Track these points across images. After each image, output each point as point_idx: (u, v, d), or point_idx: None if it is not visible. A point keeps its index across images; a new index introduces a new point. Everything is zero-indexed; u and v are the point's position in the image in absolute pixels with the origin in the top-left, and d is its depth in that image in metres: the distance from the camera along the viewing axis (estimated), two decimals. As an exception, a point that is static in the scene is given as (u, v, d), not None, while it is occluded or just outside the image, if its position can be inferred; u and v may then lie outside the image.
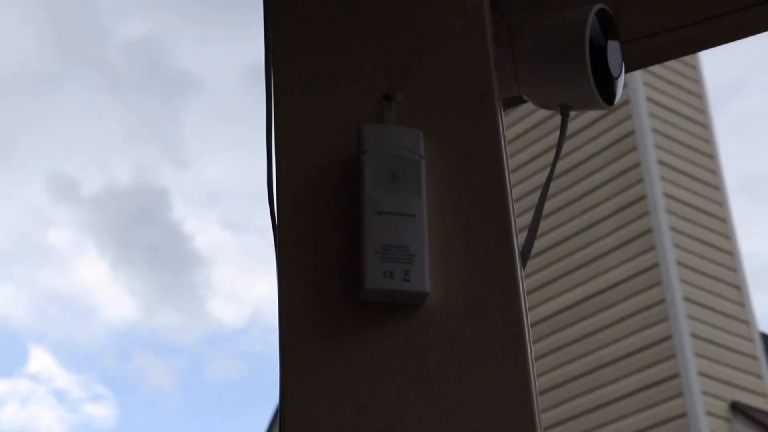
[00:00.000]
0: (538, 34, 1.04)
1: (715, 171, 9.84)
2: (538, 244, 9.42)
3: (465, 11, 1.03)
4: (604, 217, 9.24)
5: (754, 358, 9.05)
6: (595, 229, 9.15)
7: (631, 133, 9.15)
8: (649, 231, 8.87)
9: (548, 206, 9.63)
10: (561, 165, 9.29)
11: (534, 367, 0.88)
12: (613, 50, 1.02)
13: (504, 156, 0.96)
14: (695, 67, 10.16)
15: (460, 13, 1.04)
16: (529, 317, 0.92)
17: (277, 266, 0.95)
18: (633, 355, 8.71)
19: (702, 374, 8.42)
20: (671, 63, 8.76)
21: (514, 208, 0.96)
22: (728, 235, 9.55)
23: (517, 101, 1.17)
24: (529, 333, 0.89)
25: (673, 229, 8.87)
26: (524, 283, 0.95)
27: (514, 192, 0.99)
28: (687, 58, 9.54)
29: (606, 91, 1.00)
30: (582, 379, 8.92)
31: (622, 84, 1.05)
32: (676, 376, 8.41)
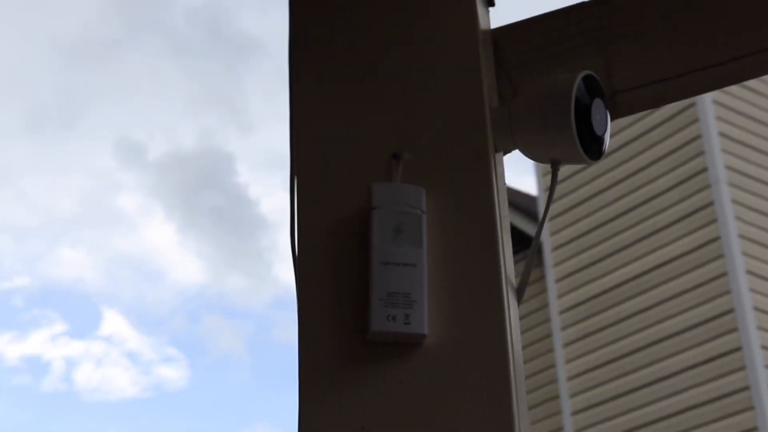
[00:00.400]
0: (530, 98, 1.15)
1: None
2: (598, 217, 9.49)
3: (465, 76, 1.15)
4: (665, 190, 9.13)
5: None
6: (655, 202, 9.06)
7: (692, 105, 8.98)
8: (710, 204, 8.74)
9: (608, 179, 9.62)
10: (622, 138, 9.24)
11: (518, 394, 0.99)
12: (598, 109, 1.12)
13: (496, 206, 1.08)
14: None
15: (460, 78, 1.16)
16: (515, 349, 1.04)
17: (297, 302, 1.08)
18: (694, 329, 8.65)
19: (765, 347, 8.35)
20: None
21: (506, 251, 1.08)
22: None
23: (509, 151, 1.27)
24: (513, 365, 1.00)
25: (735, 201, 8.75)
26: (515, 318, 1.08)
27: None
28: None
29: (592, 148, 1.10)
30: (642, 352, 8.90)
31: (608, 137, 1.15)
32: (738, 349, 8.35)
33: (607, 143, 1.16)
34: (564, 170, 10.37)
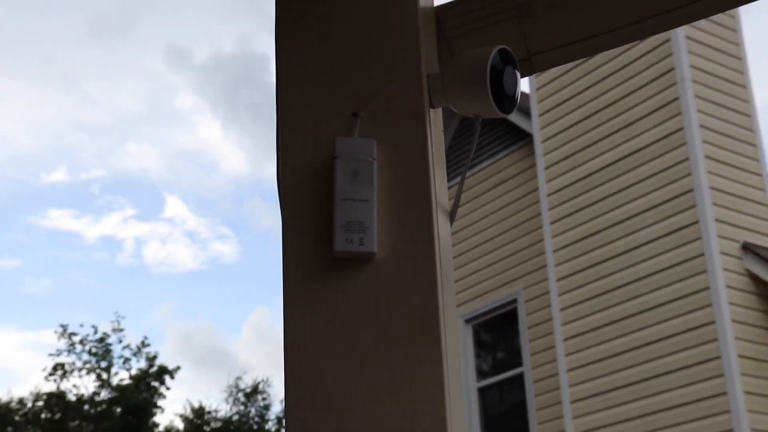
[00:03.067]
0: (457, 68, 1.35)
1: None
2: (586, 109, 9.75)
3: (408, 48, 1.35)
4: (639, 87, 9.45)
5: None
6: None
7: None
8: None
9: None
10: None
11: (445, 292, 1.23)
12: (509, 74, 1.32)
13: (429, 151, 1.29)
14: None
15: (403, 50, 1.36)
16: (444, 258, 1.27)
17: (282, 226, 1.32)
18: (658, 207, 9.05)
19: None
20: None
21: (438, 188, 1.31)
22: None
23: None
24: (440, 270, 1.24)
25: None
26: (444, 234, 1.31)
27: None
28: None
29: (504, 105, 1.31)
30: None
31: (519, 95, 1.37)
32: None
33: (519, 98, 1.37)
34: (551, 73, 10.51)
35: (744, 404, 8.32)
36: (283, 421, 1.21)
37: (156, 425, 27.38)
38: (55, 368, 26.40)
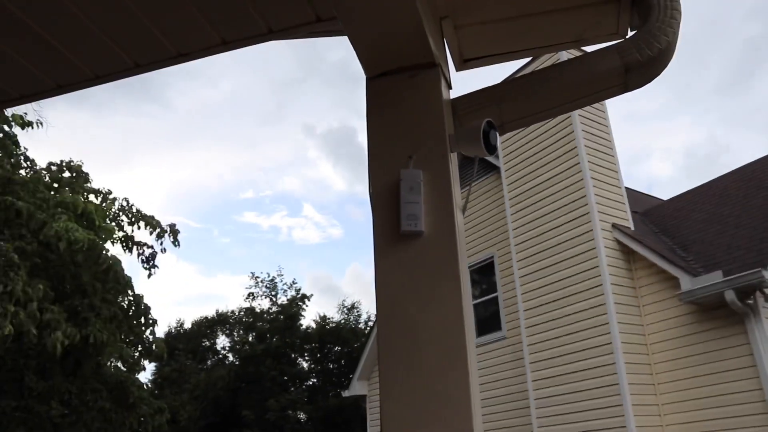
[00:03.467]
0: (465, 130, 1.63)
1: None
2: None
3: (438, 121, 1.64)
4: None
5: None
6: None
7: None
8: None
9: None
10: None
11: (461, 259, 1.55)
12: (493, 135, 1.62)
13: (451, 178, 1.56)
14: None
15: (435, 123, 1.64)
16: (460, 237, 1.61)
17: (372, 217, 1.62)
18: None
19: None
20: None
21: (456, 195, 1.66)
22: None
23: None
24: (459, 245, 1.53)
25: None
26: (460, 221, 1.60)
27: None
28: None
29: (490, 150, 1.61)
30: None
31: (498, 144, 1.74)
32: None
33: (497, 145, 1.76)
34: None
35: (615, 317, 8.95)
36: (375, 330, 1.58)
37: (301, 325, 35.00)
38: (249, 295, 35.33)
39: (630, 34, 2.08)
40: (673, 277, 8.86)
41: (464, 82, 2.03)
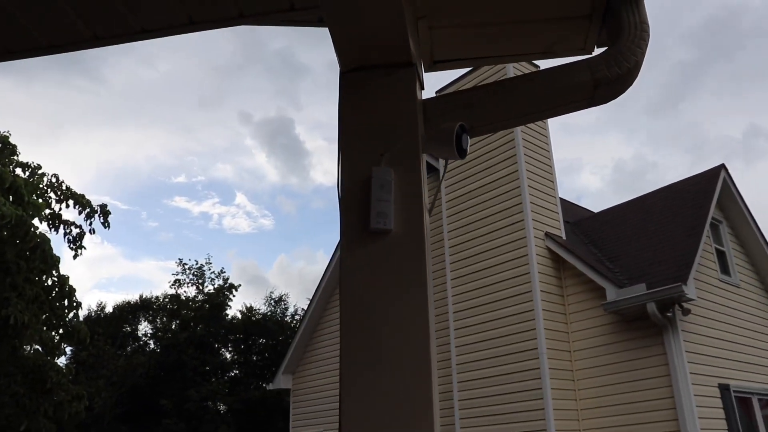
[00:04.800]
0: (438, 131, 1.64)
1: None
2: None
3: (411, 120, 1.63)
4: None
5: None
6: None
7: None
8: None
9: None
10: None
11: (427, 251, 1.58)
12: (465, 139, 1.63)
13: (422, 177, 1.57)
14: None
15: (409, 122, 1.63)
16: (426, 232, 1.61)
17: (340, 215, 1.59)
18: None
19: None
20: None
21: (425, 194, 1.68)
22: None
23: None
24: (427, 240, 1.54)
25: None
26: (426, 219, 1.59)
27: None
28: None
29: (461, 153, 1.63)
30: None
31: (468, 146, 1.72)
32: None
33: (468, 149, 1.77)
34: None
35: (542, 323, 9.19)
36: (340, 319, 1.54)
37: (227, 315, 35.04)
38: (175, 282, 35.28)
39: (596, 51, 2.13)
40: (600, 287, 9.16)
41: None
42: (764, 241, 10.93)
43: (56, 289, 7.70)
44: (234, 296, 36.07)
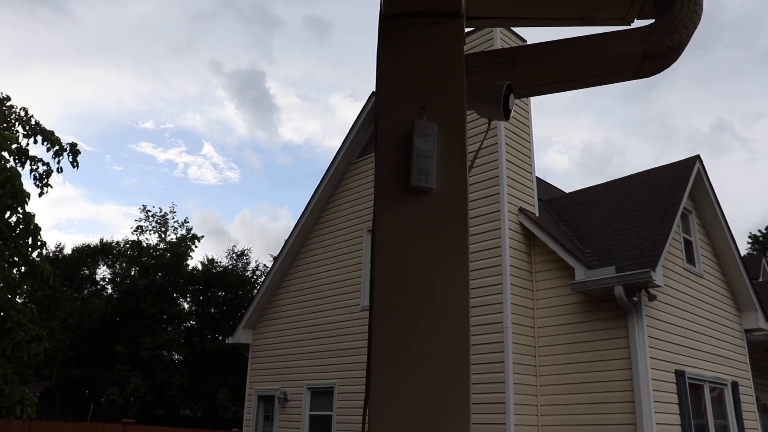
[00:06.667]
0: (485, 89, 1.56)
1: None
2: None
3: (457, 74, 1.53)
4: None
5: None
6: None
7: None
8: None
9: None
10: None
11: (467, 211, 1.51)
12: (511, 99, 1.55)
13: (464, 133, 1.46)
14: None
15: (455, 75, 1.53)
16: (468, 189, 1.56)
17: (375, 172, 1.49)
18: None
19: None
20: None
21: (467, 150, 1.58)
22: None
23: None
24: (466, 199, 1.46)
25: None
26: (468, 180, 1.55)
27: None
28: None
29: (507, 114, 1.56)
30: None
31: (513, 107, 1.64)
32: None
33: (512, 112, 1.68)
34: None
35: (510, 297, 9.23)
36: (370, 284, 1.39)
37: (188, 266, 35.07)
38: (137, 228, 35.46)
39: (637, 23, 2.03)
40: (569, 266, 9.23)
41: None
42: (730, 233, 11.12)
43: (21, 226, 7.43)
44: (196, 247, 36.07)
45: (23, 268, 7.48)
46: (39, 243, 7.61)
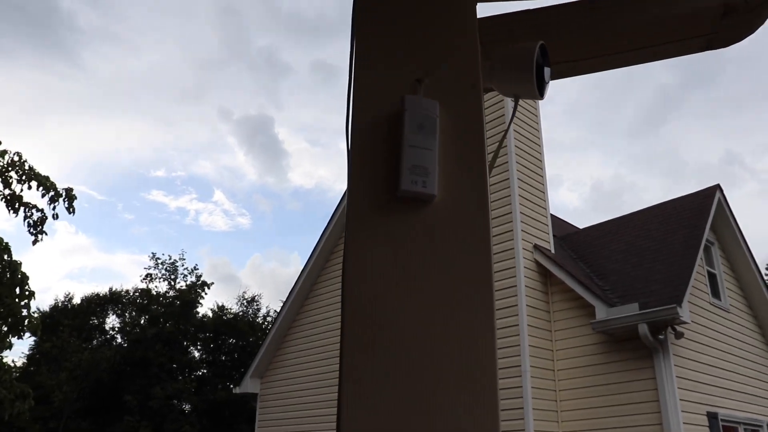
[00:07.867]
0: (508, 55, 1.09)
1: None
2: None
3: (468, 39, 1.07)
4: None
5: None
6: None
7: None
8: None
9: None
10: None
11: (490, 233, 0.98)
12: (547, 72, 1.09)
13: (482, 115, 1.01)
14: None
15: (464, 37, 1.08)
16: (488, 201, 1.03)
17: (348, 168, 1.01)
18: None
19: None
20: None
21: (485, 142, 1.09)
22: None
23: (489, 90, 1.21)
24: (488, 213, 0.96)
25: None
26: (489, 183, 1.04)
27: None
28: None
29: (541, 91, 1.09)
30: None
31: (549, 86, 1.16)
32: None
33: (548, 89, 1.18)
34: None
35: (527, 339, 8.61)
36: (341, 336, 0.94)
37: (198, 313, 34.38)
38: (147, 276, 34.35)
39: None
40: (589, 304, 8.62)
41: None
42: (755, 265, 10.50)
43: (6, 276, 6.94)
44: (206, 294, 35.70)
45: (9, 319, 6.96)
46: (27, 293, 7.10)
